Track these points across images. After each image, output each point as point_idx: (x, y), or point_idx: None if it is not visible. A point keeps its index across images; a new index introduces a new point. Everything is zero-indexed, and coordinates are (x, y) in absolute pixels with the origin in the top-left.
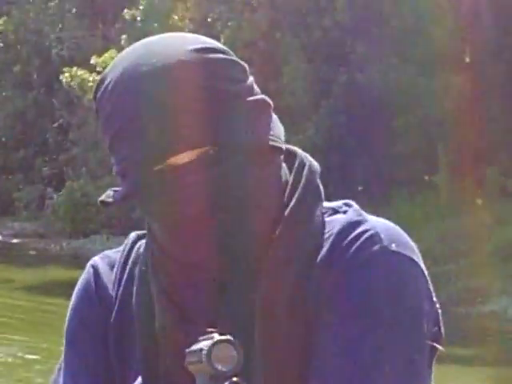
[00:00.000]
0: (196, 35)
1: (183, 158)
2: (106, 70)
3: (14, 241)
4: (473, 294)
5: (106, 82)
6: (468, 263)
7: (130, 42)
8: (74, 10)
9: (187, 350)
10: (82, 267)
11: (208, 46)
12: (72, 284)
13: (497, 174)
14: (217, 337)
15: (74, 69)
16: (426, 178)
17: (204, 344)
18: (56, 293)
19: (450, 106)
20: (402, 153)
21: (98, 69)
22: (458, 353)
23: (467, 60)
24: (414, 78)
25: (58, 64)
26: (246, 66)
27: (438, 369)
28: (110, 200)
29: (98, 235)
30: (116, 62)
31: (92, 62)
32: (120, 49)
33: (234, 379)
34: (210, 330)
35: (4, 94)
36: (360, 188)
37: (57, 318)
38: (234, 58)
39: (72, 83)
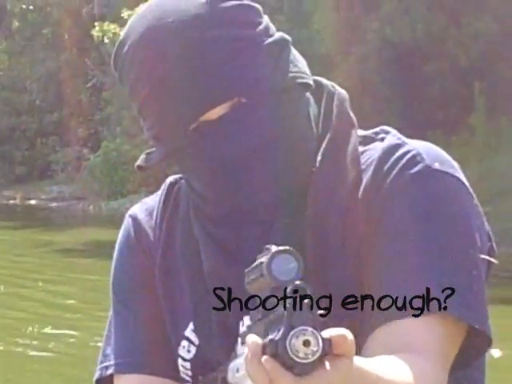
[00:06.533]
0: None
1: (217, 112)
2: (122, 36)
3: (53, 204)
4: None
5: (126, 49)
6: (506, 204)
7: None
8: None
9: (246, 270)
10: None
11: None
12: (112, 244)
13: None
14: (275, 248)
15: (106, 23)
16: (462, 119)
17: (263, 258)
18: (96, 253)
19: (483, 47)
20: (436, 96)
21: None
22: (503, 293)
23: None
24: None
25: (88, 23)
26: (259, 7)
27: None
28: (147, 164)
29: (135, 194)
30: (131, 26)
31: (123, 15)
32: None
33: (298, 282)
34: (267, 246)
35: (36, 56)
36: None
37: (99, 278)
38: (246, 1)
39: (104, 38)
